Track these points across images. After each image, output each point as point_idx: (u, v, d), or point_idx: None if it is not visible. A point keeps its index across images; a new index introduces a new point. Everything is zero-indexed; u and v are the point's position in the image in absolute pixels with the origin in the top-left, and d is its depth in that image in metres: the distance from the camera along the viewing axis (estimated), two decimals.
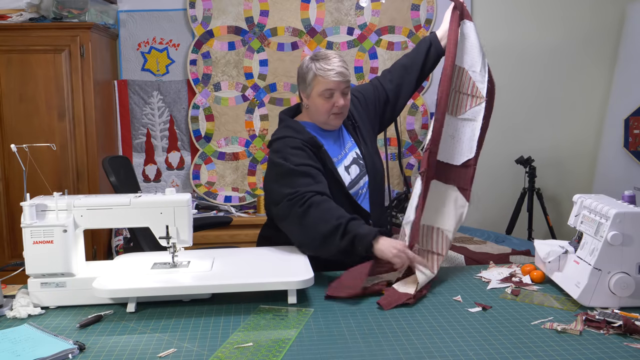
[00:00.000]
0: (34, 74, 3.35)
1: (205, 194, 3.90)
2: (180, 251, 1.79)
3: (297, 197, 1.84)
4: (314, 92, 1.99)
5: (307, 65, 2.02)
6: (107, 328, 1.50)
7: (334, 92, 1.97)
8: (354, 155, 2.12)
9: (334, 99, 1.98)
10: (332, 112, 2.01)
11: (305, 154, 1.94)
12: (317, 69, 1.97)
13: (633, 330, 1.41)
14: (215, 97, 3.86)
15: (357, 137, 2.13)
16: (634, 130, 3.63)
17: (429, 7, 3.90)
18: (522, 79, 4.06)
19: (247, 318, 1.55)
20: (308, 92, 2.02)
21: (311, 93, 2.01)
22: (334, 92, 1.97)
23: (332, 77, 1.96)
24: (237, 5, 3.82)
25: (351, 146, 2.13)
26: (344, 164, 2.08)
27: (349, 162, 2.09)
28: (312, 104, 2.02)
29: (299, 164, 1.91)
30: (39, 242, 1.63)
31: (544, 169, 3.99)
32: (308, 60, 2.03)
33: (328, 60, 1.98)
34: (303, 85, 2.04)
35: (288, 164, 1.91)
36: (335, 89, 1.97)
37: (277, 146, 2.00)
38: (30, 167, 1.70)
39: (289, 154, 1.94)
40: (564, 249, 1.77)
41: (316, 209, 1.82)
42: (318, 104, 2.00)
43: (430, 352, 1.34)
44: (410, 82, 2.23)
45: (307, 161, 1.92)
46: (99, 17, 3.59)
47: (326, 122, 2.04)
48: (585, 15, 4.02)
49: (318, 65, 1.98)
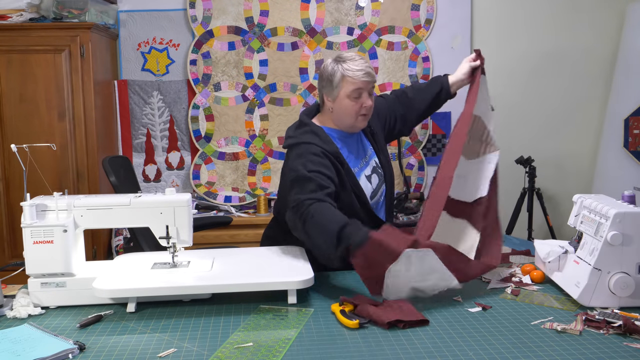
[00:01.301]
0: (34, 74, 3.35)
1: (205, 194, 3.90)
2: (180, 251, 1.79)
3: (298, 206, 1.79)
4: (342, 93, 1.97)
5: (332, 67, 1.99)
6: (107, 328, 1.50)
7: (362, 92, 1.96)
8: (373, 164, 2.10)
9: (362, 100, 1.97)
10: (360, 114, 1.98)
11: (323, 163, 1.90)
12: (345, 69, 1.96)
13: (633, 330, 1.41)
14: (215, 97, 3.87)
15: (375, 145, 2.13)
16: (634, 130, 3.63)
17: (429, 7, 3.90)
18: (522, 79, 4.06)
19: (247, 318, 1.55)
20: (335, 95, 1.99)
21: (339, 94, 1.98)
22: (362, 92, 1.96)
23: (361, 77, 1.95)
24: (237, 5, 3.82)
25: (371, 154, 2.12)
26: (365, 174, 2.06)
27: (369, 171, 2.08)
28: (339, 106, 1.99)
29: (312, 170, 1.87)
30: (39, 242, 1.63)
31: (544, 169, 3.99)
32: (332, 63, 2.00)
33: (354, 61, 1.97)
34: (329, 88, 2.00)
35: (303, 170, 1.87)
36: (364, 88, 1.96)
37: (300, 150, 1.95)
38: (30, 167, 1.70)
39: (308, 161, 1.90)
40: (564, 249, 1.77)
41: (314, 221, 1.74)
42: (346, 106, 1.97)
43: (430, 352, 1.34)
44: (411, 119, 2.26)
45: (322, 170, 1.88)
46: (99, 17, 3.59)
47: (353, 124, 2.01)
48: (585, 15, 4.02)
49: (345, 66, 1.96)
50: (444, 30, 3.94)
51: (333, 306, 1.59)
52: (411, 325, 1.48)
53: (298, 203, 1.79)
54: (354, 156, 2.05)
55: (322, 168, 1.88)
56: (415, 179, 4.01)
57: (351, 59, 1.98)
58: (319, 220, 1.73)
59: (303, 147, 1.95)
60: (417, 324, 1.49)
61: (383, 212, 2.13)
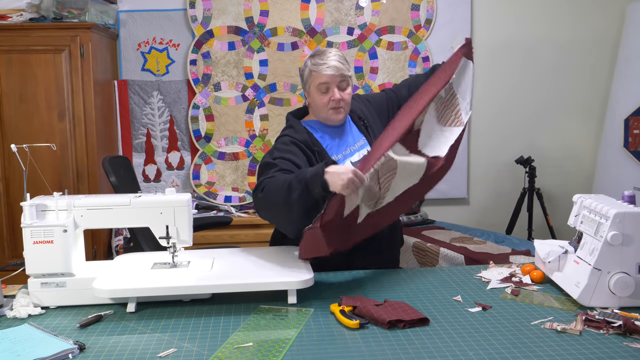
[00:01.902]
0: (34, 74, 3.35)
1: (205, 194, 3.90)
2: (180, 251, 1.79)
3: (257, 186, 1.87)
4: (312, 87, 2.04)
5: (305, 62, 2.08)
6: (107, 328, 1.50)
7: (329, 85, 2.01)
8: (364, 153, 2.11)
9: (331, 93, 2.01)
10: (330, 107, 2.03)
11: (290, 150, 1.97)
12: (312, 64, 2.03)
13: (633, 330, 1.41)
14: (215, 97, 3.87)
15: (369, 137, 2.14)
16: (634, 130, 3.63)
17: (429, 7, 3.90)
18: (522, 79, 4.06)
19: (247, 318, 1.55)
20: (307, 89, 2.07)
21: (309, 89, 2.06)
22: (330, 85, 2.01)
23: (325, 71, 1.99)
24: (237, 5, 3.82)
25: (363, 144, 2.12)
26: (351, 160, 2.08)
27: (357, 158, 2.09)
28: (312, 100, 2.07)
29: (276, 157, 1.94)
30: (39, 242, 1.63)
31: (544, 169, 3.99)
32: (307, 58, 2.09)
33: (323, 56, 2.03)
34: (303, 83, 2.10)
35: (269, 158, 1.95)
36: (330, 82, 2.00)
37: (274, 145, 2.05)
38: (30, 167, 1.70)
39: (275, 149, 1.99)
40: (564, 249, 1.77)
41: (269, 187, 1.82)
42: (316, 99, 2.04)
43: (430, 352, 1.34)
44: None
45: (286, 155, 1.95)
46: (99, 17, 3.59)
47: (327, 117, 2.06)
48: (586, 15, 4.03)
49: (313, 61, 2.03)
50: (444, 30, 3.94)
51: (333, 306, 1.58)
52: (411, 325, 1.48)
53: (257, 184, 1.87)
54: (335, 144, 2.08)
55: (287, 154, 1.95)
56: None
57: (322, 53, 2.04)
58: (274, 182, 1.81)
59: (277, 141, 2.05)
60: (417, 324, 1.49)
61: None
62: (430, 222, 3.49)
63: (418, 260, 2.75)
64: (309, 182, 1.72)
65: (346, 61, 2.06)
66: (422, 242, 2.82)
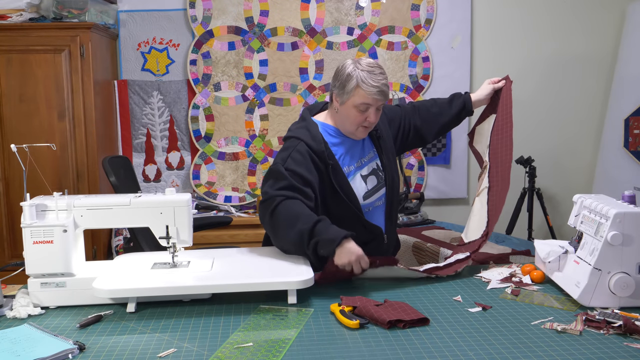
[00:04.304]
0: (34, 74, 3.35)
1: (205, 194, 3.90)
2: (180, 251, 1.79)
3: (269, 201, 1.86)
4: (351, 101, 1.94)
5: (349, 72, 1.94)
6: (107, 328, 1.50)
7: (370, 107, 1.94)
8: (373, 166, 2.10)
9: (368, 114, 1.95)
10: (361, 126, 1.98)
11: (304, 163, 1.92)
12: (361, 80, 1.91)
13: (633, 330, 1.41)
14: (215, 97, 3.87)
15: (379, 148, 2.12)
16: (634, 130, 3.63)
17: (429, 7, 3.90)
18: (522, 78, 4.06)
19: (247, 318, 1.55)
20: (344, 100, 1.96)
21: (347, 101, 1.95)
22: (370, 107, 1.94)
23: (374, 95, 1.92)
24: (237, 5, 3.82)
25: (373, 157, 2.11)
26: (361, 173, 2.06)
27: (367, 172, 2.08)
28: (344, 111, 1.98)
29: (289, 169, 1.89)
30: (39, 242, 1.63)
31: (544, 169, 3.99)
32: (352, 66, 1.94)
33: (374, 75, 1.92)
34: (340, 91, 1.97)
35: (282, 165, 1.91)
36: (372, 105, 1.94)
37: (288, 144, 2.00)
38: (30, 167, 1.70)
39: (290, 157, 1.92)
40: (564, 249, 1.77)
41: (279, 215, 1.82)
42: (350, 115, 1.96)
43: (430, 352, 1.34)
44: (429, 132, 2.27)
45: (299, 169, 1.90)
46: (99, 17, 3.59)
47: (352, 132, 2.01)
48: (585, 15, 4.02)
49: (363, 75, 1.91)
50: (444, 30, 3.94)
51: (333, 306, 1.58)
52: (411, 325, 1.48)
53: (268, 198, 1.86)
54: (350, 156, 2.05)
55: (299, 169, 1.90)
56: (415, 179, 4.01)
57: (371, 71, 1.93)
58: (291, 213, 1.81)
59: (292, 141, 1.99)
60: (417, 324, 1.49)
61: (382, 216, 2.12)
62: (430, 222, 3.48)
63: (418, 260, 2.75)
64: (320, 243, 1.76)
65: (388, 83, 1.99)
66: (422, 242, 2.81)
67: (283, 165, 1.90)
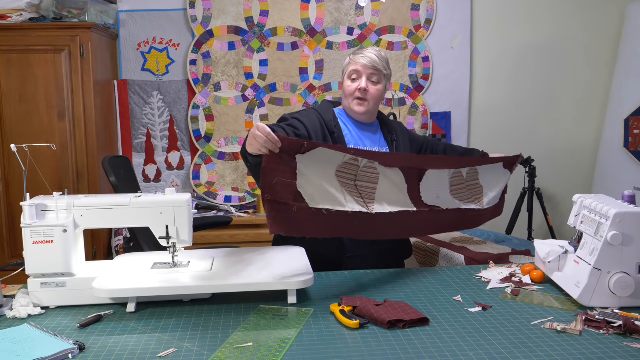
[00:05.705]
0: (34, 74, 3.35)
1: (205, 194, 3.90)
2: (180, 251, 1.79)
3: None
4: (345, 76, 2.11)
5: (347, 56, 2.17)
6: (107, 328, 1.50)
7: (361, 74, 2.07)
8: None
9: (359, 82, 2.07)
10: (355, 96, 2.08)
11: (309, 117, 2.04)
12: (352, 54, 2.12)
13: (633, 330, 1.41)
14: (215, 97, 3.87)
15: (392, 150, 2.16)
16: (634, 130, 3.63)
17: (429, 7, 3.90)
18: (522, 78, 4.06)
19: (247, 318, 1.55)
20: (343, 79, 2.14)
21: (344, 78, 2.13)
22: (361, 75, 2.07)
23: (360, 60, 2.06)
24: (237, 5, 3.82)
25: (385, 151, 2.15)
26: None
27: None
28: (343, 88, 2.13)
29: (294, 117, 2.02)
30: (39, 242, 1.63)
31: (544, 169, 3.99)
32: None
33: (364, 49, 2.12)
34: (342, 76, 2.17)
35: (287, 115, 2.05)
36: (361, 71, 2.06)
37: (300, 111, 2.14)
38: (30, 167, 1.70)
39: (297, 112, 2.08)
40: (564, 249, 1.77)
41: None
42: (345, 86, 2.11)
43: (430, 352, 1.34)
44: None
45: (303, 118, 2.01)
46: (99, 17, 3.59)
47: (350, 106, 2.11)
48: (586, 15, 4.03)
49: (354, 51, 2.14)
50: (444, 30, 3.94)
51: (333, 306, 1.58)
52: (411, 325, 1.48)
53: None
54: (357, 137, 2.12)
55: (304, 119, 2.02)
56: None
57: (364, 49, 2.12)
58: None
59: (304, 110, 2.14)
60: (417, 324, 1.49)
61: None
62: None
63: (418, 260, 2.75)
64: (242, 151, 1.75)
65: (387, 62, 2.12)
66: (422, 242, 2.81)
67: (289, 115, 2.04)
